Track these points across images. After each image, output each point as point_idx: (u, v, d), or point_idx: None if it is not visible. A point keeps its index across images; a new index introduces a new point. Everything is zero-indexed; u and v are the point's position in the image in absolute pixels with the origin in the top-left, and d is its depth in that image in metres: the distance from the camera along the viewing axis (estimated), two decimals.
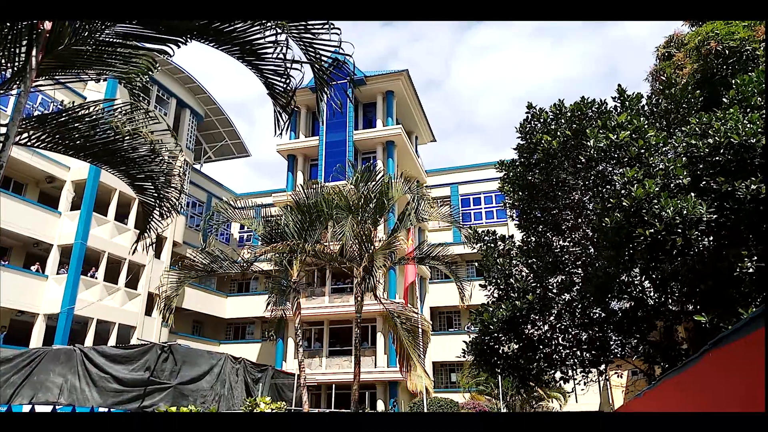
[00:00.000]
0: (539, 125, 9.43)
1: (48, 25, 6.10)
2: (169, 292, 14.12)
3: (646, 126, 7.86)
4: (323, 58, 6.00)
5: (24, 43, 6.42)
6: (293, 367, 24.31)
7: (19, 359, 12.72)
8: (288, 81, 6.11)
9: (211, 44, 5.96)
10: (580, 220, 9.33)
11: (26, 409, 4.09)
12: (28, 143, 7.03)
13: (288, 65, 5.89)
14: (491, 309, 9.68)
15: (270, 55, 5.90)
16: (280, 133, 6.42)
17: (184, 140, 30.42)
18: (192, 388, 11.80)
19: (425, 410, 17.67)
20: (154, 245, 9.31)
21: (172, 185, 8.32)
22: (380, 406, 25.32)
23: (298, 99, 6.36)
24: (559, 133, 8.74)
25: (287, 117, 6.40)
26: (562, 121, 8.94)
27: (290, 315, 16.52)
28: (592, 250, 9.16)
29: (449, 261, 15.91)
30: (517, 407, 28.62)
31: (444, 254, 15.78)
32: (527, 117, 9.68)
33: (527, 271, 10.17)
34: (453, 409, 23.43)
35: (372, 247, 14.62)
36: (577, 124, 8.65)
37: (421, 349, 15.50)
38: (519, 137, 9.81)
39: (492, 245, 10.76)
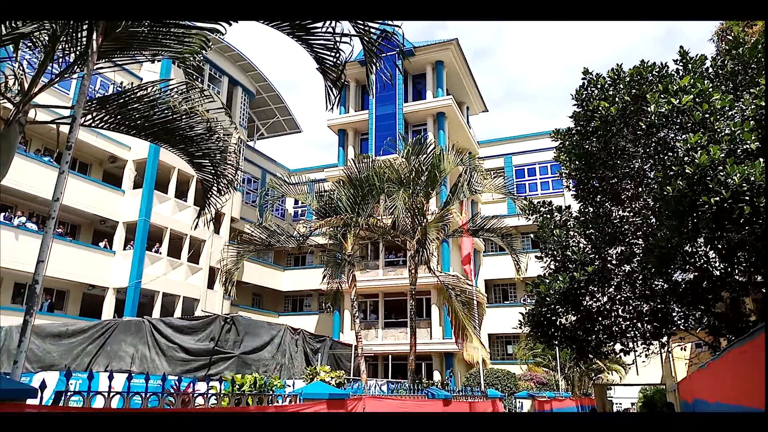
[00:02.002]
0: (596, 91, 9.08)
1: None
2: (229, 266, 14.60)
3: (710, 89, 7.42)
4: (371, 30, 5.94)
5: (84, 27, 6.66)
6: (350, 338, 24.81)
7: (93, 330, 13.52)
8: (338, 55, 6.09)
9: (262, 21, 5.98)
10: (640, 189, 8.99)
11: (104, 376, 4.35)
12: (92, 124, 7.33)
13: (337, 39, 5.87)
14: (548, 281, 9.53)
15: (319, 30, 5.88)
16: (332, 108, 6.44)
17: (237, 118, 31.00)
18: (254, 358, 12.24)
19: (482, 381, 17.72)
20: (213, 221, 9.60)
21: (229, 162, 8.52)
22: (436, 377, 25.58)
23: (347, 73, 6.34)
24: (617, 99, 8.39)
25: (338, 91, 6.40)
26: (621, 86, 8.57)
27: (346, 287, 16.80)
28: (653, 219, 8.83)
29: (504, 233, 15.72)
30: (575, 379, 28.32)
31: (498, 226, 15.60)
32: (583, 83, 9.34)
33: (585, 242, 9.94)
34: (510, 380, 23.41)
35: (425, 220, 14.59)
36: (637, 89, 8.26)
37: (477, 321, 15.49)
38: (575, 105, 9.48)
39: (548, 216, 10.54)
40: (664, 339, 9.90)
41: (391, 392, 12.30)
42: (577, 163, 9.76)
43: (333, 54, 6.15)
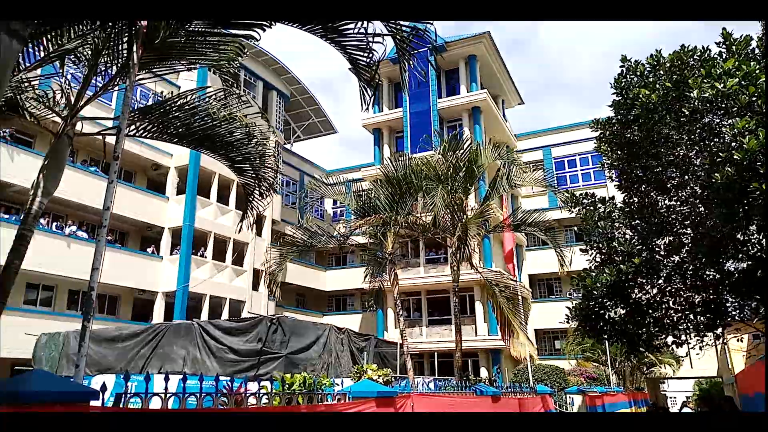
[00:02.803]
0: (636, 79, 8.83)
1: (144, 21, 6.48)
2: (273, 267, 14.84)
3: (757, 71, 7.12)
4: (403, 28, 5.94)
5: (125, 40, 6.88)
6: (395, 336, 24.88)
7: (145, 333, 13.97)
8: (370, 55, 6.12)
9: (294, 25, 6.05)
10: (686, 177, 8.70)
11: (158, 378, 4.50)
12: (136, 134, 7.57)
13: (369, 39, 5.89)
14: (594, 274, 9.35)
15: (351, 31, 5.92)
16: (367, 108, 6.47)
17: (273, 121, 31.40)
18: (301, 357, 12.43)
19: (530, 377, 17.51)
20: (255, 224, 9.77)
21: (268, 166, 8.65)
22: (483, 374, 25.40)
23: (380, 72, 6.34)
24: (658, 85, 8.14)
25: (372, 91, 6.43)
26: (661, 72, 8.31)
27: (388, 286, 16.85)
28: (701, 208, 8.54)
29: (546, 227, 15.47)
30: (627, 373, 27.68)
31: (540, 220, 15.36)
32: (622, 71, 9.10)
33: (631, 234, 9.70)
34: (559, 375, 23.04)
35: (464, 216, 14.50)
36: (678, 74, 8.00)
37: (522, 317, 15.31)
38: (614, 93, 9.25)
39: (591, 208, 10.31)
40: (719, 330, 9.56)
41: (438, 389, 12.28)
42: (619, 152, 9.53)
43: (366, 54, 6.18)
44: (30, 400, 2.80)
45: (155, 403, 3.76)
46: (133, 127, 7.26)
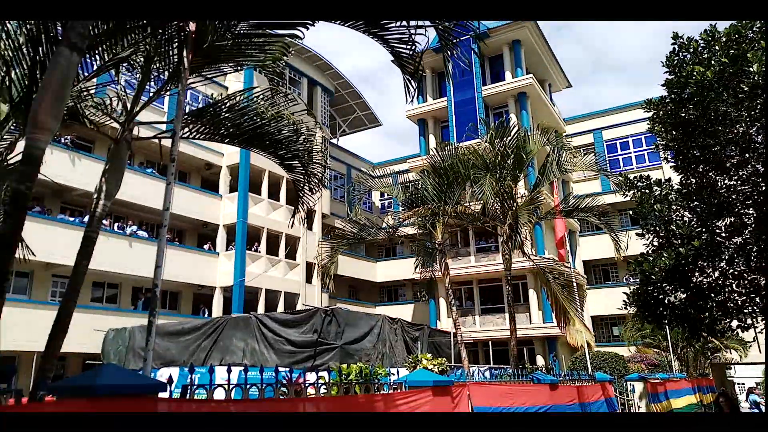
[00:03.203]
0: (689, 56, 8.49)
1: (192, 26, 6.68)
2: (325, 260, 15.09)
3: None
4: (445, 19, 5.90)
5: (175, 45, 7.12)
6: (447, 326, 24.85)
7: (206, 327, 14.49)
8: (414, 47, 6.12)
9: (337, 22, 6.11)
10: (747, 155, 8.32)
11: (220, 369, 4.70)
12: (190, 136, 7.83)
13: (412, 32, 5.89)
14: (651, 258, 9.08)
15: (394, 24, 5.93)
16: (412, 100, 6.48)
17: (318, 117, 31.75)
18: (356, 348, 12.62)
19: (588, 364, 17.16)
20: (306, 219, 9.96)
21: (317, 161, 8.80)
22: (540, 362, 25.09)
23: (423, 62, 6.34)
24: (713, 62, 7.80)
25: (416, 83, 6.43)
26: (716, 48, 7.95)
27: (439, 276, 16.85)
28: (764, 186, 8.15)
29: (600, 212, 15.08)
30: (690, 359, 26.76)
31: (593, 205, 14.99)
32: (674, 48, 8.76)
33: (689, 216, 9.36)
34: (618, 362, 22.50)
35: (514, 204, 14.31)
36: (735, 49, 7.63)
37: (578, 304, 15.02)
38: (666, 72, 8.92)
39: (647, 191, 10.00)
40: None
41: (494, 378, 12.22)
42: (674, 133, 9.20)
43: (409, 46, 6.18)
44: (103, 393, 2.97)
45: (219, 394, 3.93)
46: (186, 129, 7.51)
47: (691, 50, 8.42)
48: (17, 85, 6.71)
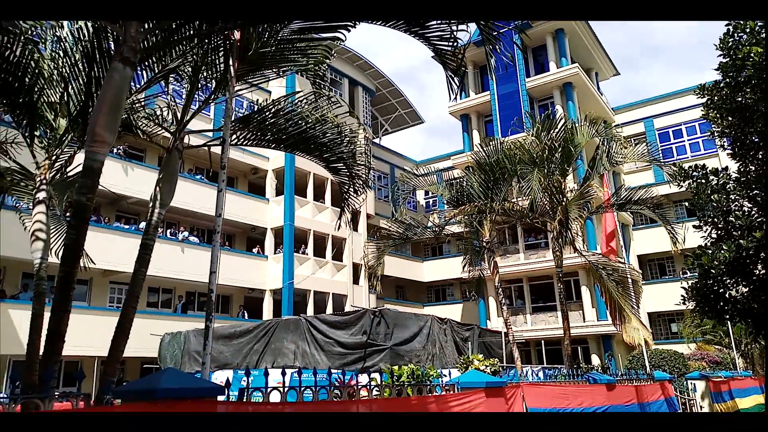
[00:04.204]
0: (745, 37, 8.07)
1: (237, 34, 6.81)
2: (372, 261, 15.13)
3: None
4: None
5: (221, 54, 7.28)
6: (497, 325, 24.57)
7: (257, 330, 14.75)
8: (455, 43, 6.05)
9: (378, 23, 6.10)
10: None
11: (274, 372, 4.76)
12: (238, 143, 7.99)
13: (454, 28, 5.82)
14: (710, 251, 8.69)
15: (435, 22, 5.88)
16: (455, 97, 6.41)
17: (360, 117, 31.87)
18: (406, 349, 12.59)
19: (646, 363, 16.62)
20: (351, 220, 10.00)
21: (360, 162, 8.83)
22: (595, 361, 24.47)
23: (464, 57, 6.25)
24: None
25: (459, 79, 6.35)
26: None
27: (487, 274, 16.64)
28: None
29: (654, 204, 14.56)
30: (756, 356, 25.57)
31: (647, 197, 14.49)
32: (728, 30, 8.36)
33: (749, 205, 8.91)
34: (678, 360, 21.72)
35: (564, 198, 13.98)
36: None
37: (634, 300, 14.54)
38: (720, 55, 8.52)
39: (703, 181, 9.58)
40: None
41: (548, 378, 11.97)
42: (730, 119, 8.78)
43: (450, 44, 6.11)
44: (165, 396, 3.04)
45: (275, 397, 3.97)
46: (234, 136, 7.66)
47: (748, 30, 8.01)
48: (74, 100, 7.00)
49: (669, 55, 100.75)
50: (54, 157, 7.09)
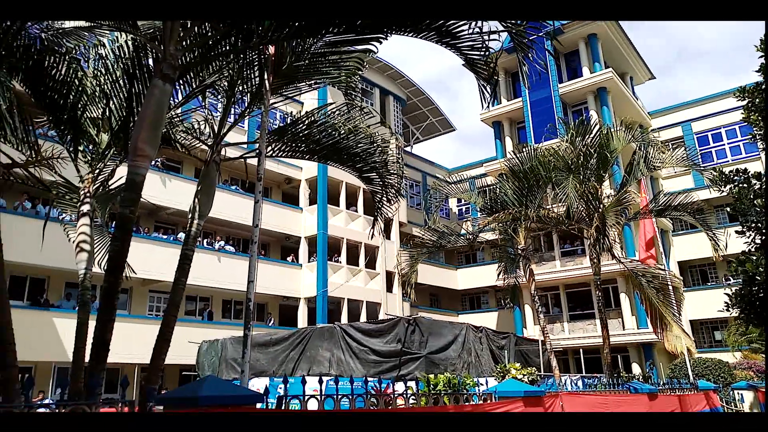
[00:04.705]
0: None
1: (272, 49, 6.96)
2: (406, 270, 15.13)
3: None
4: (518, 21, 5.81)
5: (255, 68, 7.45)
6: (534, 333, 24.20)
7: (293, 337, 14.88)
8: (486, 52, 6.06)
9: (410, 34, 6.15)
10: None
11: (311, 380, 4.83)
12: (273, 155, 8.14)
13: (485, 37, 5.83)
14: (755, 257, 8.44)
15: (465, 32, 5.90)
16: (488, 105, 6.41)
17: (392, 126, 31.93)
18: (441, 357, 12.52)
19: (689, 372, 16.14)
20: (384, 228, 10.05)
21: (393, 172, 8.88)
22: (635, 370, 23.88)
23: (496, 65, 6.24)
24: None
25: (491, 87, 6.35)
26: None
27: (523, 282, 16.46)
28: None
29: (694, 209, 14.20)
30: None
31: (686, 202, 14.15)
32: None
33: None
34: (723, 369, 21.02)
35: (601, 205, 13.75)
36: None
37: (675, 308, 14.18)
38: (761, 56, 8.30)
39: (744, 185, 9.31)
40: None
41: (587, 388, 11.75)
42: None
43: (482, 52, 6.12)
44: (206, 404, 3.12)
45: (312, 405, 4.02)
46: (269, 148, 7.80)
47: None
48: (115, 115, 7.24)
49: (706, 58, 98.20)
50: (97, 171, 7.33)
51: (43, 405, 4.14)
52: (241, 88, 7.67)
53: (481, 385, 6.78)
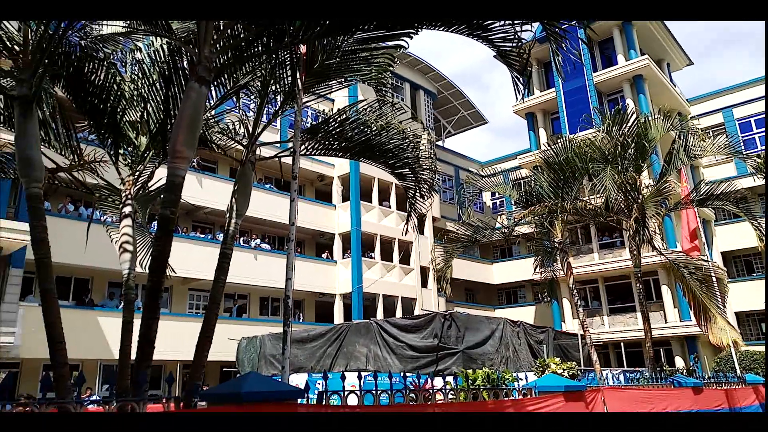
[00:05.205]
0: None
1: (303, 48, 7.01)
2: (441, 265, 15.09)
3: None
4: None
5: (287, 68, 7.51)
6: (572, 327, 23.87)
7: (330, 334, 15.03)
8: (519, 43, 5.97)
9: (441, 29, 6.11)
10: None
11: (351, 375, 4.87)
12: (307, 153, 8.21)
13: (517, 29, 5.75)
14: None
15: (497, 24, 5.82)
16: (522, 97, 6.33)
17: (423, 120, 31.78)
18: (478, 352, 12.45)
19: (736, 365, 15.66)
20: (417, 224, 10.03)
21: (425, 167, 8.85)
22: (679, 363, 23.31)
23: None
24: None
25: (525, 79, 6.26)
26: None
27: (561, 275, 16.23)
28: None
29: (737, 198, 13.75)
30: None
31: (729, 191, 13.70)
32: None
33: None
34: None
35: (640, 195, 13.43)
36: None
37: (719, 299, 13.78)
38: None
39: None
40: None
41: (629, 382, 11.52)
42: None
43: (514, 44, 6.04)
44: (249, 399, 3.18)
45: (352, 400, 4.05)
46: (303, 147, 7.87)
47: None
48: (153, 118, 7.41)
49: (746, 41, 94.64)
50: (137, 173, 7.51)
51: (92, 401, 4.29)
52: (273, 87, 7.75)
53: (521, 380, 6.72)
